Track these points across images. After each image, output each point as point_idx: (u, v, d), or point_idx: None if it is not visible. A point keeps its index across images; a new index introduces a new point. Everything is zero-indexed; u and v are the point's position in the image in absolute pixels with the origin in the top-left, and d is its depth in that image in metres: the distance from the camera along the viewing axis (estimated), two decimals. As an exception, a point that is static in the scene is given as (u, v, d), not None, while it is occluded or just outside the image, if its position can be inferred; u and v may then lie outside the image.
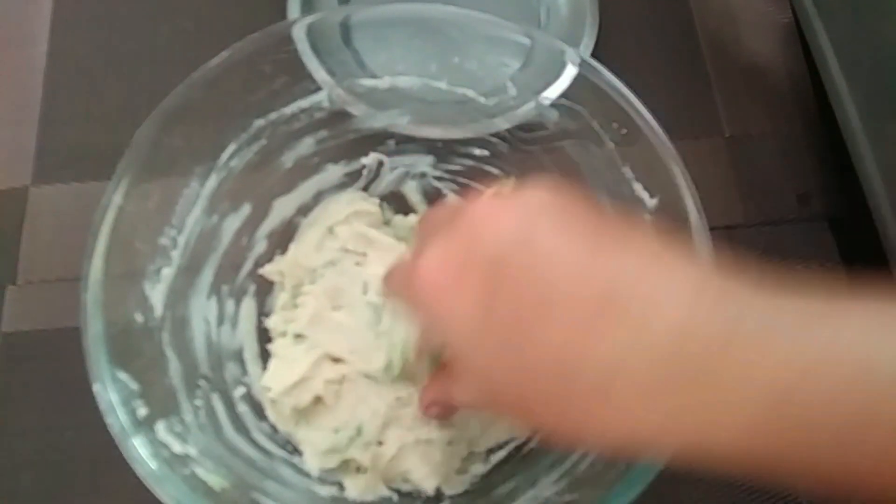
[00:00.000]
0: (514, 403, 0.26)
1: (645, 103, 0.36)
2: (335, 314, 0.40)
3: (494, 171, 0.42)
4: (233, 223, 0.40)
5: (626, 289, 0.24)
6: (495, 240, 0.25)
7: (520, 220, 0.26)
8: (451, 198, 0.44)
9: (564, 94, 0.38)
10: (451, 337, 0.27)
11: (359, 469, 0.38)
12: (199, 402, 0.35)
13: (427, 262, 0.27)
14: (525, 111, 0.40)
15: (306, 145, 0.41)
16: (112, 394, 0.30)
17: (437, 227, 0.28)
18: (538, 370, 0.24)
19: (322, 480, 0.38)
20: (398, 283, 0.31)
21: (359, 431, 0.38)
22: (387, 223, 0.44)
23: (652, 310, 0.23)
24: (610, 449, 0.29)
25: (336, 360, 0.39)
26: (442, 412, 0.36)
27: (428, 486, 0.37)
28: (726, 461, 0.22)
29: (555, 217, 0.26)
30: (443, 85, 0.41)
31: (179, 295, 0.37)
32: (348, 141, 0.42)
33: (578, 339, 0.24)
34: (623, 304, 0.23)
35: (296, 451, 0.38)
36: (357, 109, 0.41)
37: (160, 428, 0.32)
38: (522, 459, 0.38)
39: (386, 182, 0.44)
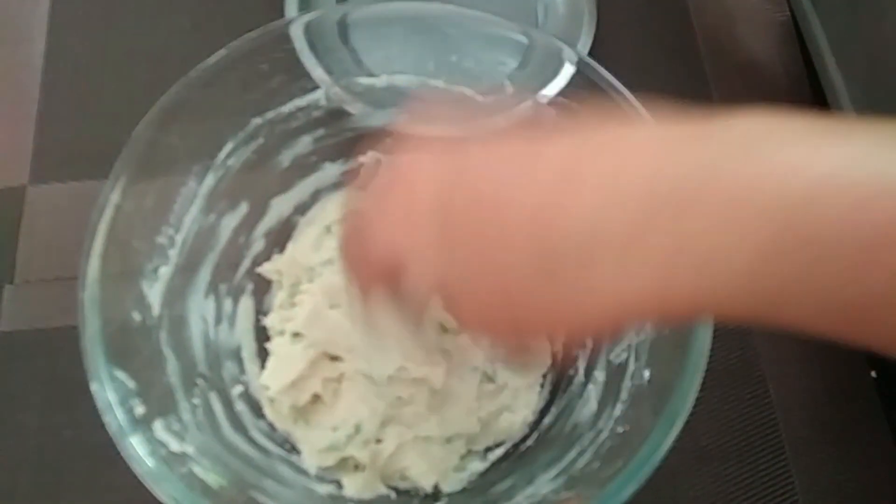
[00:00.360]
0: (506, 310, 0.25)
1: (642, 102, 0.36)
2: (333, 313, 0.40)
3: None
4: (230, 222, 0.40)
5: (584, 162, 0.23)
6: (429, 180, 0.25)
7: (444, 160, 0.26)
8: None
9: (562, 93, 0.38)
10: (424, 275, 0.26)
11: (357, 467, 0.38)
12: (196, 401, 0.35)
13: (375, 224, 0.27)
14: (522, 110, 0.40)
15: (304, 144, 0.41)
16: (110, 392, 0.30)
17: (373, 196, 0.28)
18: (515, 263, 0.23)
19: (320, 478, 0.38)
20: (355, 262, 0.30)
21: (357, 429, 0.38)
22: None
23: (617, 169, 0.22)
24: (616, 319, 0.25)
25: (334, 358, 0.39)
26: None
27: (426, 483, 0.37)
28: (736, 294, 0.20)
29: (480, 147, 0.26)
30: (440, 83, 0.41)
31: (177, 294, 0.37)
32: (346, 139, 0.42)
33: (545, 214, 0.23)
34: (583, 172, 0.22)
35: (294, 449, 0.38)
36: (354, 108, 0.41)
37: (158, 426, 0.32)
38: (520, 457, 0.38)
39: (383, 181, 0.44)
